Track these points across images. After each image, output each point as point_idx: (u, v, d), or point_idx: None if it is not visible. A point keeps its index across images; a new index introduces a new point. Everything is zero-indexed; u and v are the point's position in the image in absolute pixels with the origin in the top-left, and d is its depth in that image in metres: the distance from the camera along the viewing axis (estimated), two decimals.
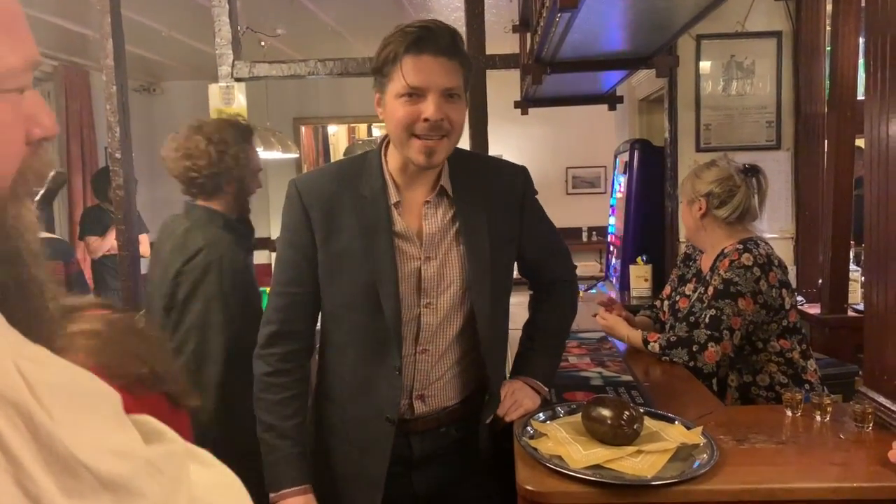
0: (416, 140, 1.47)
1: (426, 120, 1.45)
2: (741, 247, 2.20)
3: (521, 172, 1.71)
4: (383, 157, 1.60)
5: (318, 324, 1.70)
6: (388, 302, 1.54)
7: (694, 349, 2.12)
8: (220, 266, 2.02)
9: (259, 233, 2.75)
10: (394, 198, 1.57)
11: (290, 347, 1.62)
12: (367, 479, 1.61)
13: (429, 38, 1.45)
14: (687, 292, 2.41)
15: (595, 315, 2.52)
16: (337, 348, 1.65)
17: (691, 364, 2.12)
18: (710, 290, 2.19)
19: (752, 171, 2.31)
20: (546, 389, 1.79)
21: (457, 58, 1.48)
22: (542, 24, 2.23)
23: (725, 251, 2.24)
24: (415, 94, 1.45)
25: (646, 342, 2.25)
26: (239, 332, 2.00)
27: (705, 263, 2.38)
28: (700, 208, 2.30)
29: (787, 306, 2.19)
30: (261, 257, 4.67)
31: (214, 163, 2.12)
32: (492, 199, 1.63)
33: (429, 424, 1.66)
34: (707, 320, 2.14)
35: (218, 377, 1.99)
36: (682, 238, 3.65)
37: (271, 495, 1.57)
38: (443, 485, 1.71)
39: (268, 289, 1.76)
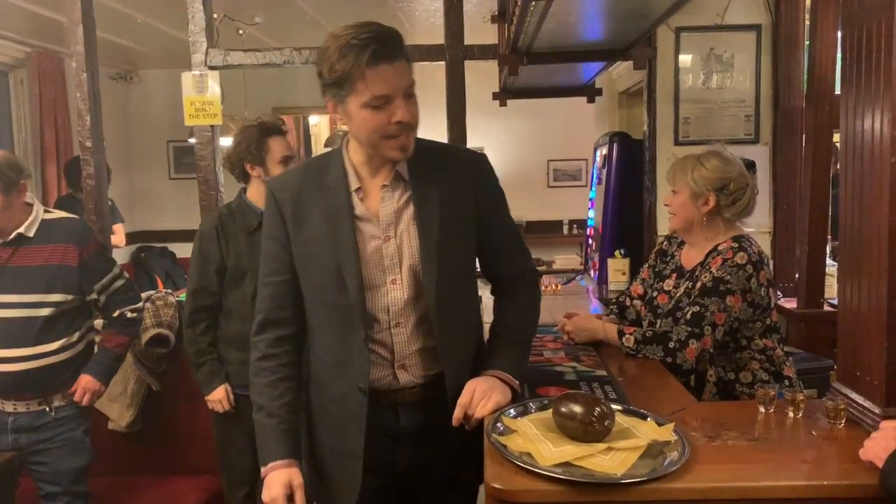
0: (390, 140, 1.60)
1: (398, 122, 1.57)
2: (735, 245, 2.13)
3: (477, 158, 1.84)
4: (346, 152, 1.73)
5: None
6: (350, 280, 1.66)
7: (671, 346, 2.09)
8: (197, 236, 2.73)
9: None
10: (354, 184, 1.70)
11: (278, 334, 1.75)
12: (348, 451, 1.72)
13: (381, 47, 1.54)
14: (666, 288, 2.34)
15: (561, 327, 2.41)
16: (316, 331, 1.76)
17: (668, 360, 2.10)
18: (698, 286, 2.14)
19: (752, 167, 2.24)
20: (517, 382, 1.77)
21: (404, 57, 1.59)
22: (517, 13, 2.20)
23: (719, 248, 2.17)
24: (381, 103, 1.55)
25: (621, 333, 2.21)
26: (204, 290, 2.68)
27: (688, 258, 2.30)
28: (706, 203, 2.18)
29: (772, 305, 2.16)
30: None
31: (233, 152, 2.70)
32: (448, 183, 1.72)
33: (415, 397, 1.75)
34: (689, 316, 2.10)
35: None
36: (660, 232, 3.64)
37: (262, 470, 1.67)
38: (424, 463, 1.80)
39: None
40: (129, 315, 2.69)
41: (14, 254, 2.46)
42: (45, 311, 2.47)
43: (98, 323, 2.77)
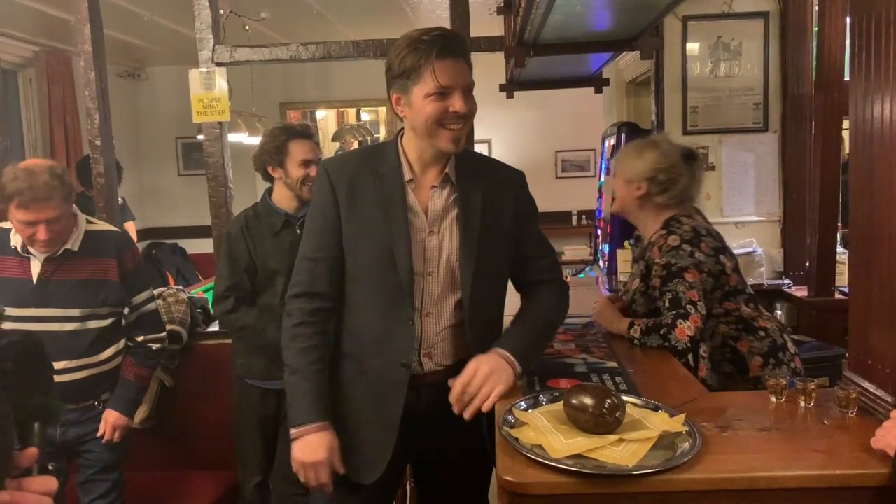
0: (445, 130, 1.73)
1: (455, 112, 1.71)
2: (664, 231, 2.24)
3: (518, 173, 1.98)
4: (400, 145, 1.85)
5: None
6: (402, 261, 1.77)
7: (663, 332, 2.13)
8: (225, 238, 2.78)
9: None
10: (408, 175, 1.83)
11: (316, 305, 1.85)
12: (384, 422, 1.82)
13: (449, 45, 1.70)
14: (637, 271, 2.42)
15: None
16: (356, 308, 1.86)
17: (666, 345, 2.12)
18: (657, 280, 2.20)
19: (692, 158, 2.33)
20: (520, 367, 1.80)
21: (467, 58, 1.76)
22: (523, 5, 2.19)
23: (652, 240, 2.28)
24: (444, 93, 1.70)
25: (630, 325, 2.23)
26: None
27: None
28: (639, 188, 2.30)
29: (728, 271, 2.24)
30: None
31: (257, 154, 2.76)
32: (490, 191, 1.87)
33: (437, 377, 1.86)
34: (667, 303, 2.15)
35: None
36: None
37: (292, 431, 1.77)
38: (438, 439, 1.90)
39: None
40: (153, 346, 2.66)
41: (59, 268, 2.44)
42: (94, 324, 2.49)
43: None
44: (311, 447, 1.75)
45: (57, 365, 2.41)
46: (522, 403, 1.66)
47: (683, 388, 1.86)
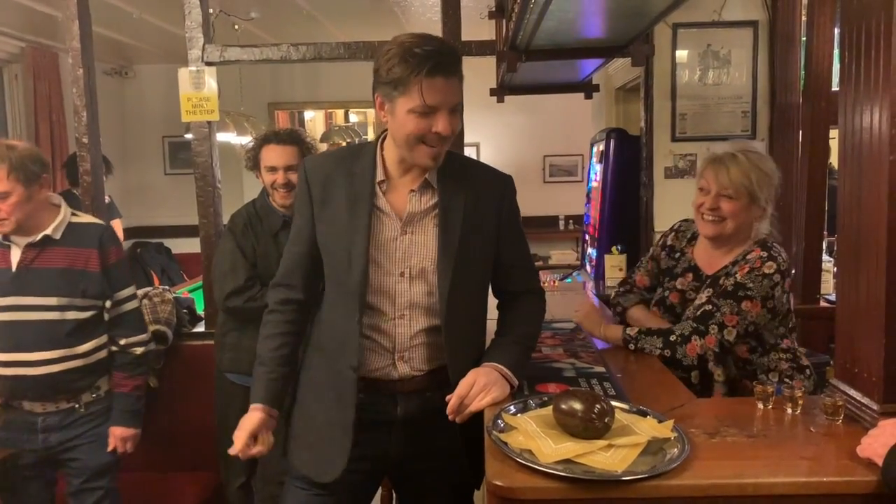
0: (425, 147, 1.70)
1: (437, 133, 1.67)
2: (765, 254, 2.09)
3: (504, 178, 1.93)
4: (379, 147, 1.82)
5: None
6: (356, 263, 1.76)
7: (672, 339, 2.09)
8: (228, 233, 2.80)
9: None
10: (380, 176, 1.80)
11: (288, 295, 1.90)
12: (341, 422, 1.80)
13: (442, 61, 1.63)
14: (679, 287, 2.30)
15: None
16: (327, 306, 1.89)
17: (667, 353, 2.09)
18: (720, 290, 2.11)
19: None
20: (516, 380, 1.80)
21: (459, 75, 1.70)
22: (516, 10, 2.20)
23: (748, 257, 2.12)
24: (429, 112, 1.65)
25: (626, 324, 2.23)
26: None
27: (708, 261, 2.26)
28: (763, 210, 2.14)
29: (791, 308, 2.19)
30: None
31: (245, 158, 2.89)
32: (474, 195, 1.83)
33: (414, 386, 1.84)
34: (698, 314, 2.09)
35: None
36: (657, 228, 3.64)
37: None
38: (418, 452, 1.88)
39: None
40: (136, 351, 2.60)
41: (39, 255, 2.42)
42: (72, 315, 2.43)
43: None
44: (241, 422, 1.84)
45: (35, 356, 2.39)
46: (512, 408, 1.66)
47: (671, 393, 1.86)
